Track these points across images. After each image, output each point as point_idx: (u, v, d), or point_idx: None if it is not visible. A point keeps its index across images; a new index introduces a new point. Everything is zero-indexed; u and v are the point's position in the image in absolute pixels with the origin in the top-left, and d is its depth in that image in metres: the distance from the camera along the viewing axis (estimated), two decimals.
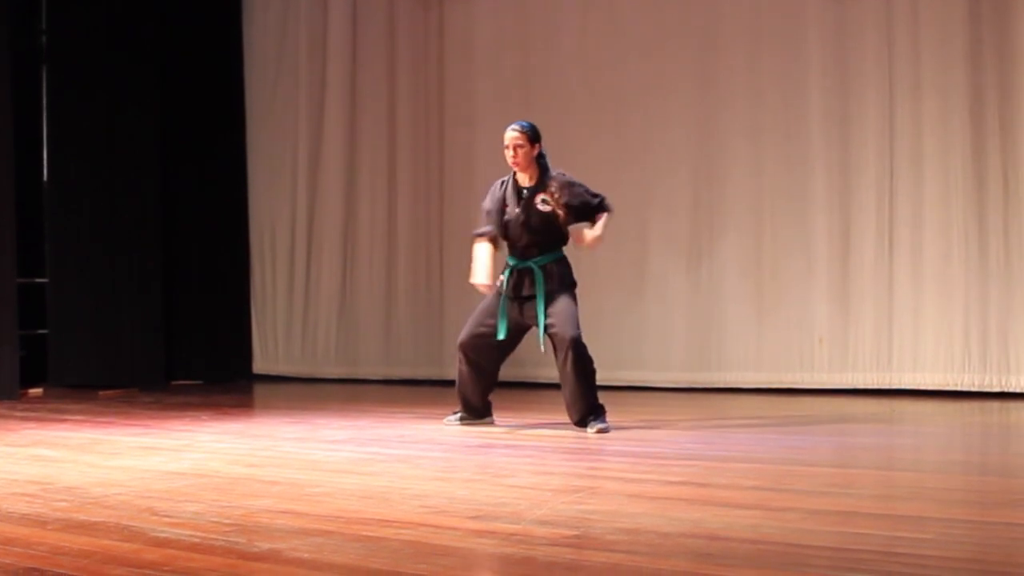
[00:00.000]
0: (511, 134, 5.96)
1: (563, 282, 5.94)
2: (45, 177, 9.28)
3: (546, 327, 5.84)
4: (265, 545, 3.14)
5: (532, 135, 5.95)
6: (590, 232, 5.98)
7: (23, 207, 8.62)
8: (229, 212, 9.97)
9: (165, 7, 9.52)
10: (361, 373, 9.67)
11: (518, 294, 5.93)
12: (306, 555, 3.00)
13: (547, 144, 6.06)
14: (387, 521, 3.45)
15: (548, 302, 5.85)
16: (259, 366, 10.15)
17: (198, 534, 3.27)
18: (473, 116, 9.22)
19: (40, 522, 3.50)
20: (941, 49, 7.61)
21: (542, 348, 5.90)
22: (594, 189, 6.06)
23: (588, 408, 5.83)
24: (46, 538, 3.26)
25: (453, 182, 9.33)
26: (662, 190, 8.50)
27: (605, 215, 5.99)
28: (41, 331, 9.13)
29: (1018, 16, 7.37)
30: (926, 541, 3.10)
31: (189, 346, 9.66)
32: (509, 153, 5.95)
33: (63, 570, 2.89)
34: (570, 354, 5.76)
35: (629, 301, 8.57)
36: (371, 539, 3.20)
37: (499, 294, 5.99)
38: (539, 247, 5.94)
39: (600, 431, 5.72)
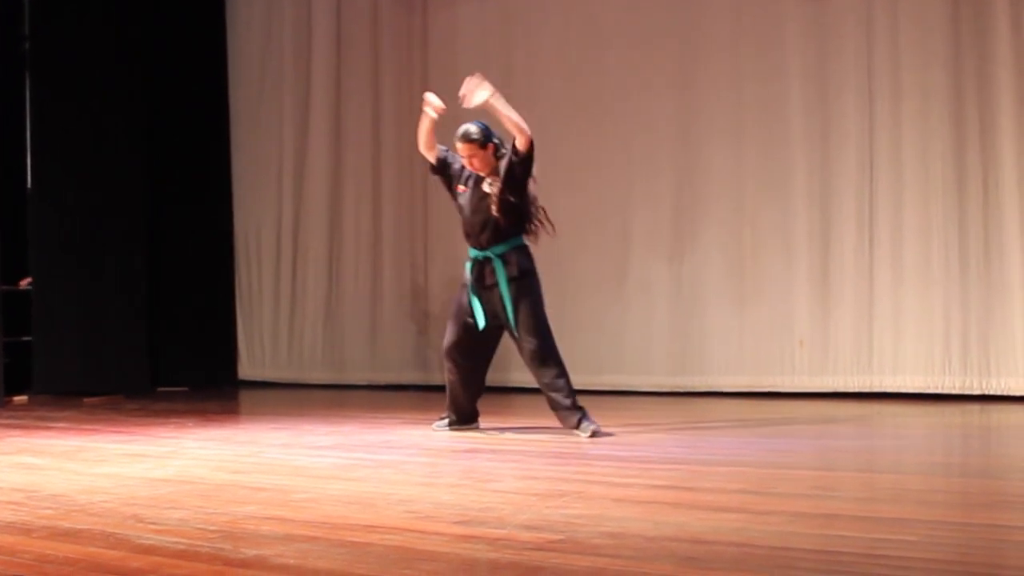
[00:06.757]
0: (461, 146, 5.94)
1: (523, 271, 5.89)
2: (29, 183, 9.26)
3: (510, 331, 5.90)
4: (251, 551, 3.14)
5: (483, 140, 5.92)
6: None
7: (6, 213, 8.60)
8: (214, 217, 9.97)
9: (148, 12, 9.50)
10: (347, 378, 9.67)
11: (482, 285, 5.94)
12: (292, 561, 3.00)
13: None
14: (373, 527, 3.46)
15: (510, 299, 5.86)
16: (245, 372, 10.14)
17: (183, 541, 3.27)
18: (457, 120, 9.21)
19: (25, 530, 3.49)
20: (921, 51, 7.64)
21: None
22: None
23: (570, 413, 5.86)
24: (31, 546, 3.26)
25: (438, 186, 9.30)
26: (643, 193, 8.53)
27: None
28: (25, 338, 9.11)
29: (997, 19, 7.41)
30: (909, 543, 3.12)
31: (174, 352, 9.65)
32: (465, 161, 5.98)
33: None
34: (536, 366, 5.85)
35: (610, 304, 8.59)
36: (357, 545, 3.21)
37: (466, 289, 6.02)
38: (496, 236, 5.91)
39: (594, 433, 5.73)
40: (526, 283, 5.89)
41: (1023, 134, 7.33)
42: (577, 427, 5.81)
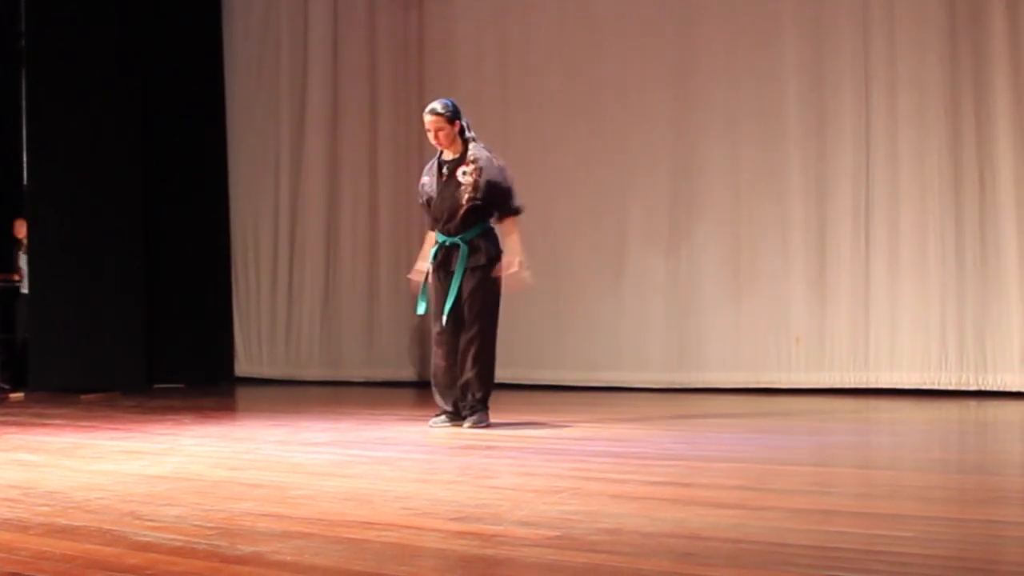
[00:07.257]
0: (428, 118, 6.00)
1: (490, 259, 5.95)
2: (25, 180, 9.25)
3: (455, 306, 5.89)
4: (247, 548, 3.13)
5: (450, 115, 5.98)
6: (508, 263, 5.95)
7: (3, 211, 8.59)
8: (211, 215, 9.97)
9: (145, 10, 9.49)
10: (343, 375, 9.67)
11: (447, 270, 5.99)
12: (288, 558, 3.00)
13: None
14: (369, 523, 3.45)
15: (470, 280, 5.90)
16: (242, 368, 10.15)
17: (180, 538, 3.26)
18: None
19: (22, 527, 3.49)
20: (917, 47, 7.66)
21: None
22: (509, 178, 6.00)
23: (472, 401, 5.97)
24: (28, 543, 3.25)
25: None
26: (639, 189, 8.54)
27: (515, 231, 5.96)
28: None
29: (994, 14, 7.42)
30: (906, 539, 3.12)
31: (171, 349, 9.64)
32: (431, 135, 6.02)
33: (45, 575, 2.88)
34: (465, 356, 5.91)
35: (606, 300, 8.59)
36: (353, 541, 3.21)
37: (436, 274, 6.07)
38: (465, 222, 5.95)
39: (474, 425, 5.90)
40: (490, 271, 5.94)
41: (1019, 130, 7.35)
42: (464, 419, 5.97)
